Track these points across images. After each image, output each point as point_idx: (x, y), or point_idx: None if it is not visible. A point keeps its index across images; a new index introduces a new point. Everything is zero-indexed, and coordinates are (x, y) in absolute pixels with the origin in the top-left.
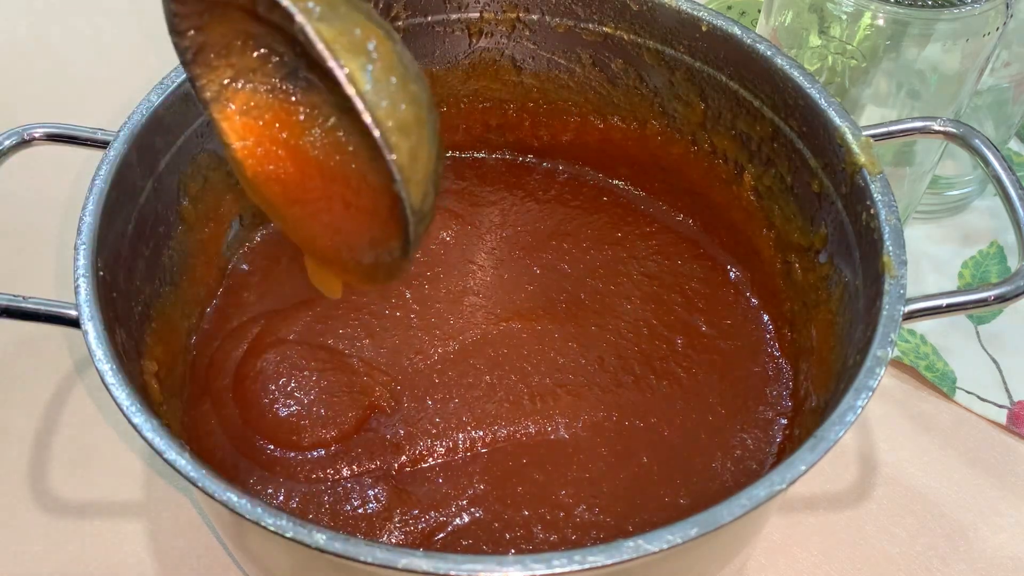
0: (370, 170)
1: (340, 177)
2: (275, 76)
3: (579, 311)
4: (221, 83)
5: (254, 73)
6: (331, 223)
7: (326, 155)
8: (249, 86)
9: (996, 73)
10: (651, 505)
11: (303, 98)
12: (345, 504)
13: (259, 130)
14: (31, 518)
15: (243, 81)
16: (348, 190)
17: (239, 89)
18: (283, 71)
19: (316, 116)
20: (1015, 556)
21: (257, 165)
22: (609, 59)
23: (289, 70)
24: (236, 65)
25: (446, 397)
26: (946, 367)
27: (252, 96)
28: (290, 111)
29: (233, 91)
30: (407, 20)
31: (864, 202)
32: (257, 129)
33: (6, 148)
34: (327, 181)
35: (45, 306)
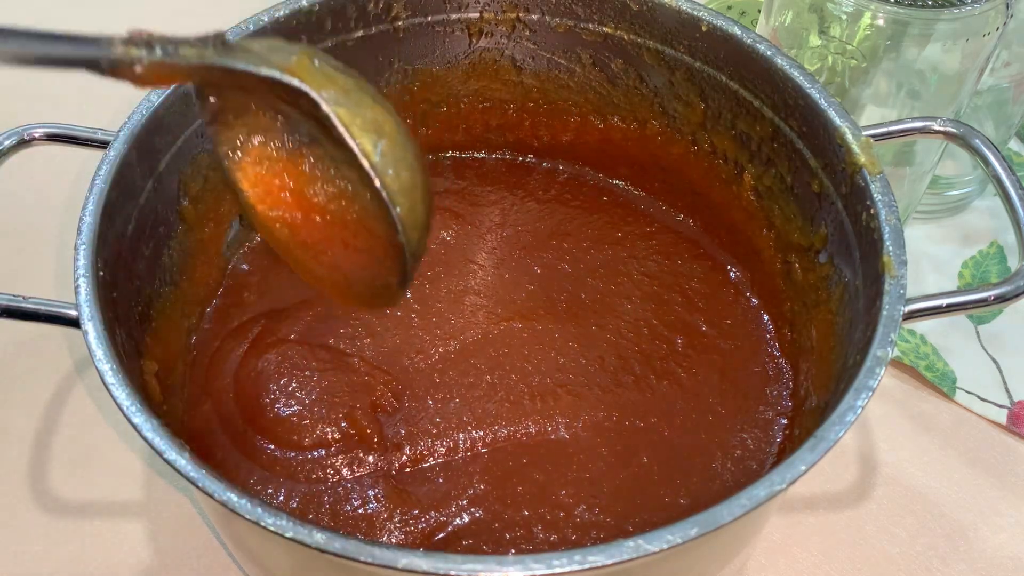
0: (372, 218)
1: (341, 222)
2: (285, 133)
3: (579, 311)
4: (236, 140)
5: (266, 131)
6: (332, 261)
7: (329, 203)
8: (261, 141)
9: (996, 73)
10: (651, 505)
11: (309, 152)
12: (345, 504)
13: (269, 180)
14: (31, 518)
15: (256, 138)
16: (348, 233)
17: (252, 145)
18: (291, 129)
19: (321, 168)
20: (1015, 556)
21: (267, 211)
22: (609, 59)
23: (297, 128)
24: (250, 124)
25: (447, 397)
26: (946, 367)
27: (263, 151)
28: (297, 164)
29: (247, 146)
30: (407, 20)
31: (864, 202)
32: (267, 179)
33: (6, 148)
34: (330, 225)
35: (45, 306)
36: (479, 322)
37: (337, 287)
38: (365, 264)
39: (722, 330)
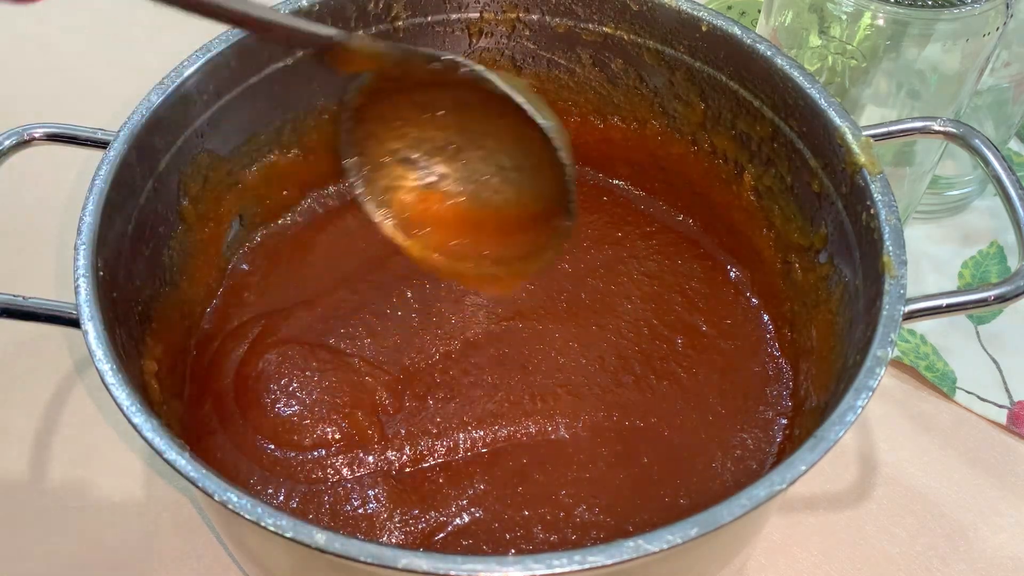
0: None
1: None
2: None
3: (580, 310)
4: (381, 188)
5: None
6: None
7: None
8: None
9: (996, 73)
10: (651, 505)
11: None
12: (345, 504)
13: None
14: (31, 518)
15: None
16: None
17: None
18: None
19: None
20: (1015, 556)
21: (425, 249)
22: (609, 59)
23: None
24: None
25: (447, 396)
26: (946, 367)
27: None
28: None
29: (389, 192)
30: (407, 20)
31: (864, 202)
32: (421, 219)
33: (6, 148)
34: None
35: (45, 306)
36: (480, 321)
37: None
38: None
39: (722, 330)
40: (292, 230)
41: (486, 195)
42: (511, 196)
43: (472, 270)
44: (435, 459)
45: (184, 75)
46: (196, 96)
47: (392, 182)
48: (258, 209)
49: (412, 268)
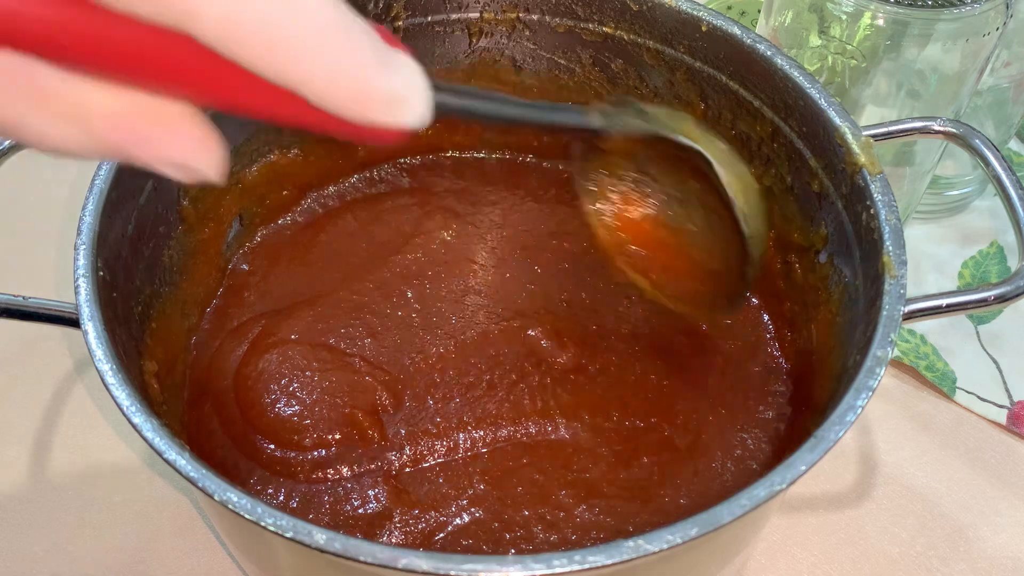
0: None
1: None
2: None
3: (580, 311)
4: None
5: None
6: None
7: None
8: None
9: (996, 73)
10: (651, 505)
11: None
12: (345, 504)
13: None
14: (31, 518)
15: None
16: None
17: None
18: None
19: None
20: (1015, 556)
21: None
22: (609, 59)
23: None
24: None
25: (447, 396)
26: (946, 367)
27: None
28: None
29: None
30: (407, 20)
31: (864, 202)
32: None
33: (6, 148)
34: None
35: (45, 306)
36: (480, 321)
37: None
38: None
39: (722, 330)
40: (292, 230)
41: (689, 241)
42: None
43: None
44: (435, 459)
45: None
46: None
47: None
48: (258, 209)
49: (412, 268)
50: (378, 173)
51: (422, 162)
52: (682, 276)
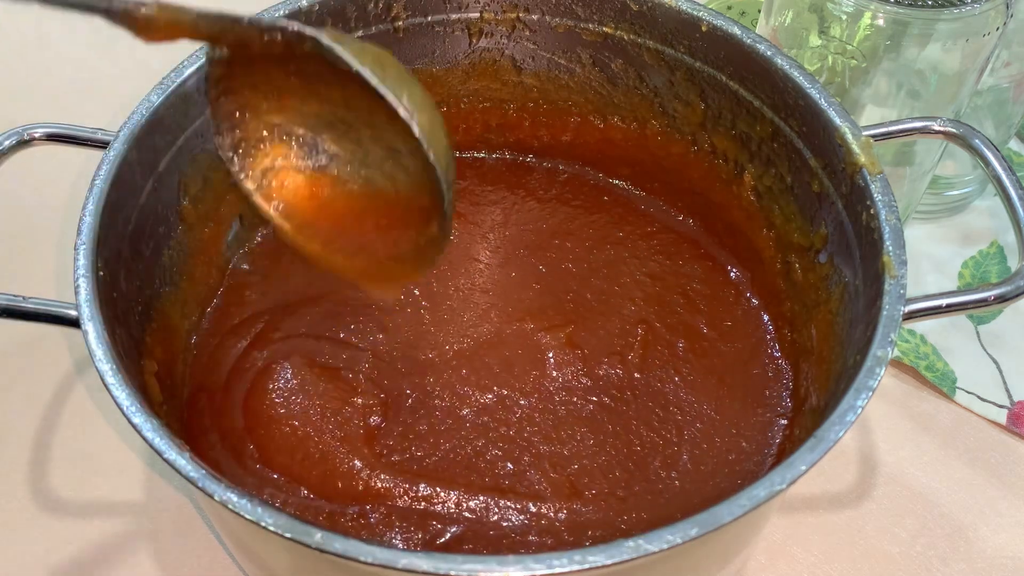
0: (400, 182)
1: (369, 210)
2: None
3: (586, 312)
4: (260, 171)
5: (284, 158)
6: (371, 247)
7: (354, 199)
8: (282, 166)
9: (996, 73)
10: (651, 505)
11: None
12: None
13: (294, 198)
14: (31, 518)
15: (277, 163)
16: (379, 215)
17: (275, 171)
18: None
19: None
20: (1015, 556)
21: (297, 230)
22: (609, 59)
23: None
24: (270, 154)
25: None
26: (946, 367)
27: (286, 175)
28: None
29: (270, 174)
30: (407, 20)
31: (864, 202)
32: (293, 198)
33: (6, 148)
34: (358, 219)
35: (45, 306)
36: (492, 321)
37: (382, 270)
38: (403, 232)
39: (722, 331)
40: None
41: (378, 180)
42: (401, 184)
43: (364, 267)
44: (436, 461)
45: (184, 75)
46: (196, 96)
47: (274, 163)
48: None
49: None
50: None
51: None
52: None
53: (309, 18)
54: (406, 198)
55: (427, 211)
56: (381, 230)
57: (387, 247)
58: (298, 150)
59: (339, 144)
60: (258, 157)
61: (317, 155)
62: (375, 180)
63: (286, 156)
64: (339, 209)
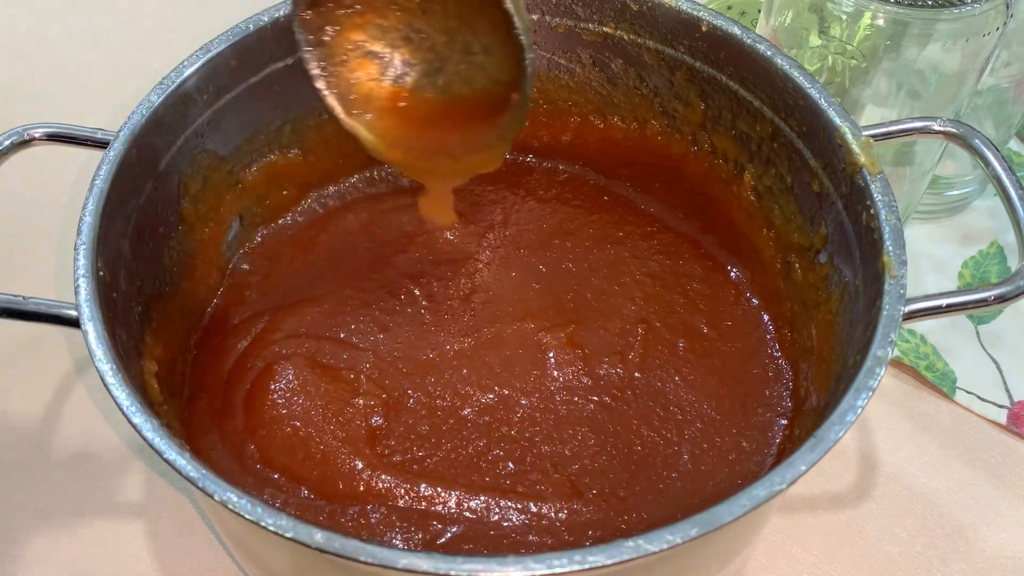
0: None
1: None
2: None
3: (586, 311)
4: (344, 87)
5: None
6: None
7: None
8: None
9: (996, 73)
10: (651, 506)
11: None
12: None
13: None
14: (31, 518)
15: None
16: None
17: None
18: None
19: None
20: (1015, 556)
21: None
22: (609, 59)
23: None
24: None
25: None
26: (946, 367)
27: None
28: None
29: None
30: None
31: (864, 202)
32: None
33: (6, 148)
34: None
35: (45, 306)
36: (493, 320)
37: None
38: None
39: (722, 331)
40: (292, 230)
41: (455, 85)
42: (477, 82)
43: (443, 165)
44: (437, 462)
45: (184, 75)
46: (196, 96)
47: (356, 78)
48: (258, 209)
49: (417, 267)
50: (378, 173)
51: None
52: (465, 125)
53: None
54: (481, 93)
55: (501, 100)
56: (458, 129)
57: (464, 144)
58: (379, 64)
59: (416, 56)
60: (342, 74)
61: (396, 68)
62: (451, 85)
63: (367, 71)
64: (419, 116)
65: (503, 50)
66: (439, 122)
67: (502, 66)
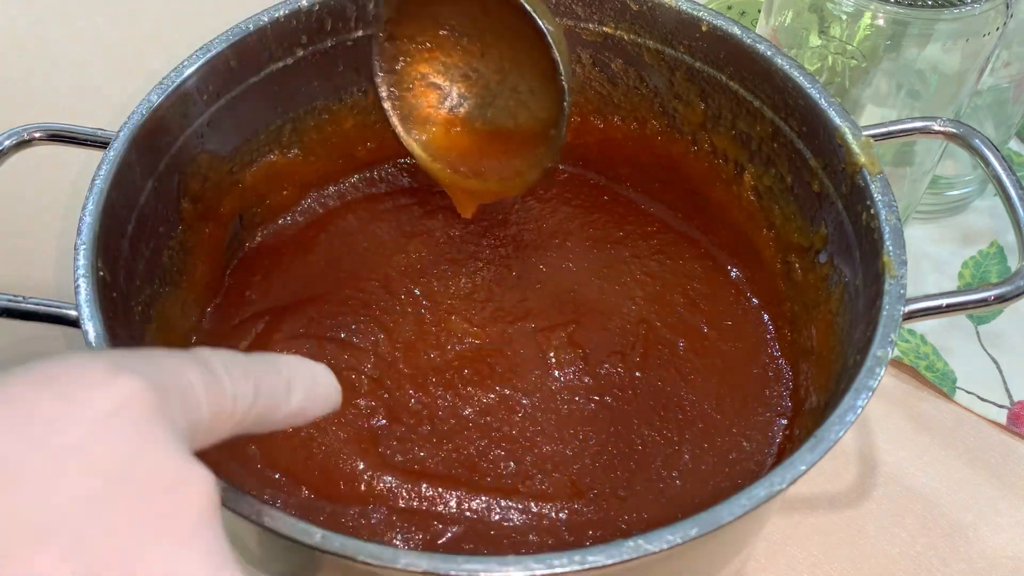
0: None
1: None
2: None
3: (587, 311)
4: (407, 109)
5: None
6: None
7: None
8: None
9: (996, 73)
10: (651, 506)
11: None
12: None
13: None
14: None
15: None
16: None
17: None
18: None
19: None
20: (1015, 556)
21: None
22: (609, 59)
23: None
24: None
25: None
26: (946, 367)
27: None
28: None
29: (415, 112)
30: None
31: (864, 202)
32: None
33: (6, 148)
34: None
35: (45, 306)
36: (494, 320)
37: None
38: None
39: (723, 331)
40: (292, 230)
41: (501, 118)
42: (520, 117)
43: (479, 185)
44: (437, 463)
45: (184, 75)
46: (196, 96)
47: (419, 106)
48: (258, 209)
49: (417, 267)
50: (378, 173)
51: None
52: (504, 153)
53: (309, 18)
54: (522, 128)
55: (538, 136)
56: (496, 157)
57: (499, 169)
58: (438, 93)
59: (471, 90)
60: (406, 99)
61: (453, 99)
62: (498, 119)
63: (428, 98)
64: (465, 142)
65: (546, 92)
66: (482, 148)
67: (544, 105)
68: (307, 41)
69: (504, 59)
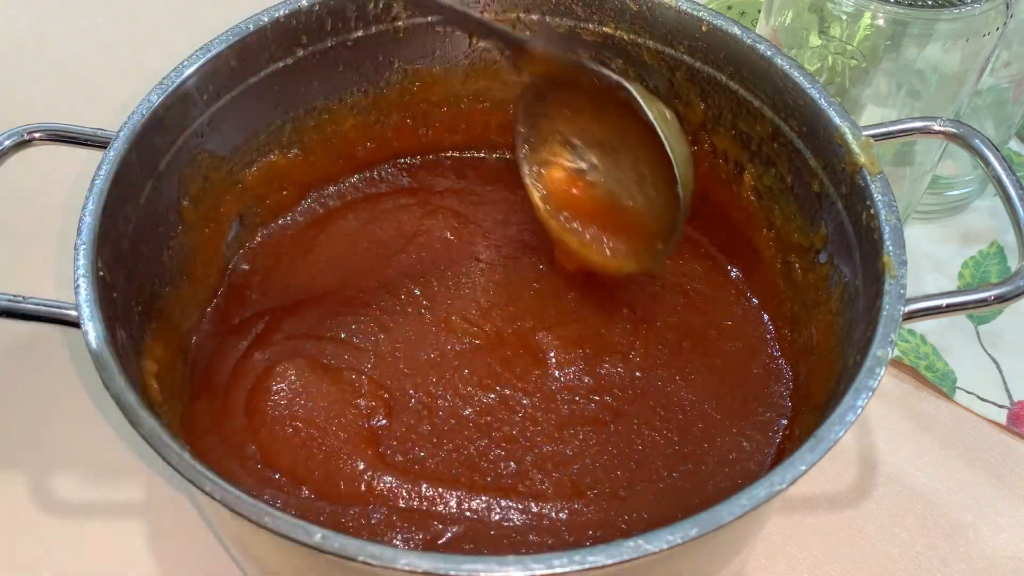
0: (641, 201)
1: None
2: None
3: (587, 311)
4: (539, 162)
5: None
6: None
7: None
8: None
9: (996, 73)
10: (651, 506)
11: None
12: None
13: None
14: (31, 518)
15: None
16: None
17: (549, 164)
18: (576, 154)
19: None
20: (1015, 556)
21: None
22: (609, 59)
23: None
24: (550, 151)
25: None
26: (946, 367)
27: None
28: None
29: (545, 166)
30: (407, 20)
31: (864, 202)
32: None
33: (6, 148)
34: (594, 217)
35: (45, 306)
36: (494, 320)
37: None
38: (617, 242)
39: (722, 331)
40: (292, 230)
41: (620, 196)
42: (638, 205)
43: (580, 248)
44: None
45: (184, 75)
46: (196, 96)
47: (550, 157)
48: (258, 209)
49: (417, 267)
50: (378, 173)
51: (422, 162)
52: (613, 232)
53: (309, 17)
54: (638, 217)
55: (649, 236)
56: (607, 231)
57: (601, 244)
58: (570, 154)
59: (601, 159)
60: (541, 151)
61: (582, 162)
62: (619, 194)
63: (560, 155)
64: (584, 205)
65: (665, 198)
66: (596, 217)
67: (659, 210)
68: (307, 41)
69: (639, 146)
